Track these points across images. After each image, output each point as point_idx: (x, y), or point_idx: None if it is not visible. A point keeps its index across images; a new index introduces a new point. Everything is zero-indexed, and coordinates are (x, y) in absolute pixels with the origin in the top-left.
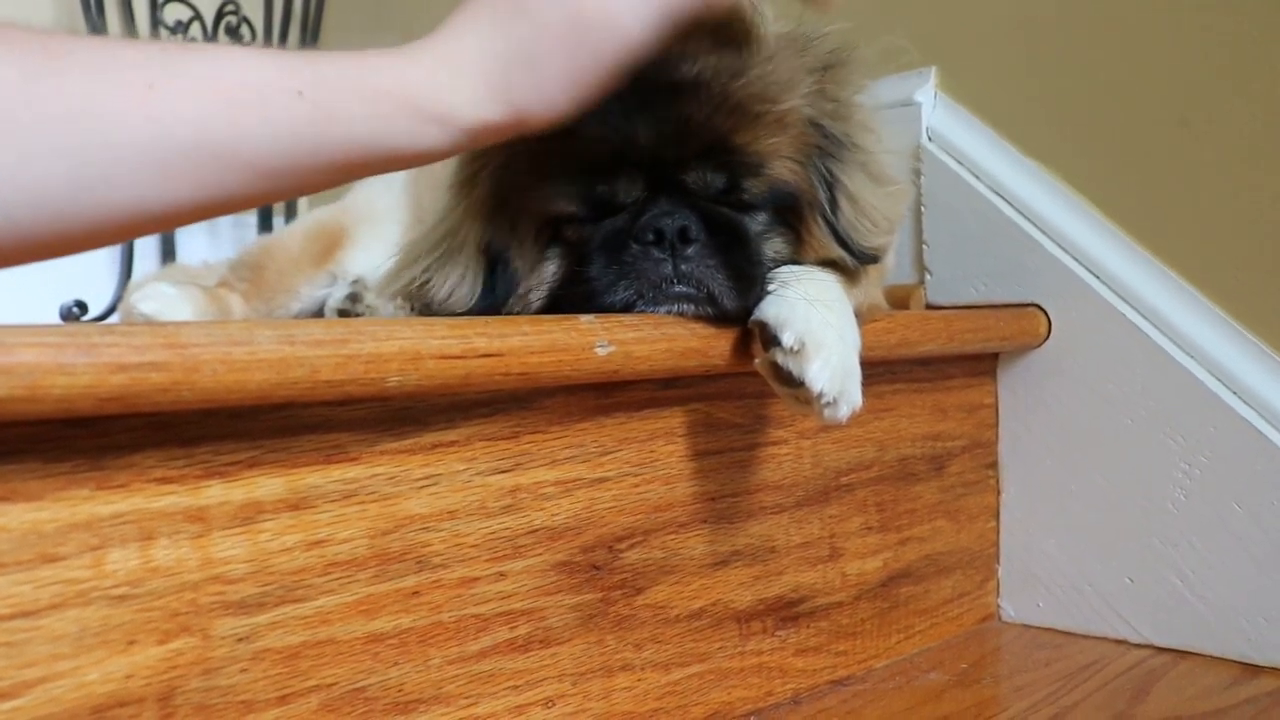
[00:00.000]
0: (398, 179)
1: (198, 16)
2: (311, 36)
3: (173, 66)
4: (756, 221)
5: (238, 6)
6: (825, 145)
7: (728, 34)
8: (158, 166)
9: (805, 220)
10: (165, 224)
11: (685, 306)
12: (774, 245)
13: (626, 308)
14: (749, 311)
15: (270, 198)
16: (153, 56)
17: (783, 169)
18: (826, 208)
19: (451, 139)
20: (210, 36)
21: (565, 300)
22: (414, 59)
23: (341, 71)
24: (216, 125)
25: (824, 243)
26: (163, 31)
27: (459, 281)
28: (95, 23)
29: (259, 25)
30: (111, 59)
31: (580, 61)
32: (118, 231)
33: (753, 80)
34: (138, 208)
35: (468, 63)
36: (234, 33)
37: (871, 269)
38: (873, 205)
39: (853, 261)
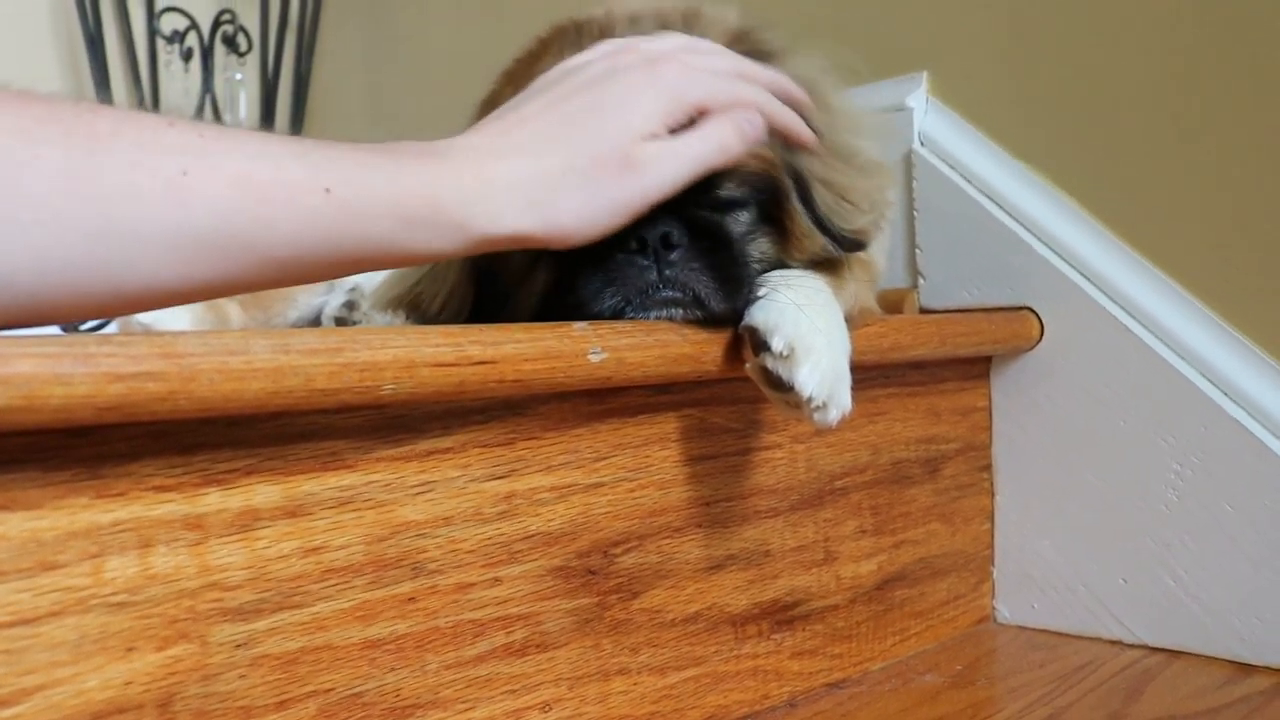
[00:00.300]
0: None
1: (194, 26)
2: (308, 46)
3: (210, 158)
4: (740, 222)
5: (234, 16)
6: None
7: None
8: (180, 252)
9: (787, 211)
10: (172, 302)
11: (673, 311)
12: (760, 246)
13: (615, 315)
14: (738, 314)
15: (274, 284)
16: (190, 141)
17: (753, 160)
18: (798, 196)
19: (470, 248)
20: (207, 45)
21: (553, 310)
22: (447, 164)
23: (372, 169)
24: (243, 218)
25: (808, 233)
26: (159, 41)
27: (449, 297)
28: (91, 33)
29: (255, 35)
30: (153, 143)
31: (627, 195)
32: (125, 307)
33: None
34: (153, 288)
35: (509, 182)
36: (230, 42)
37: (862, 272)
38: (846, 184)
39: (837, 249)
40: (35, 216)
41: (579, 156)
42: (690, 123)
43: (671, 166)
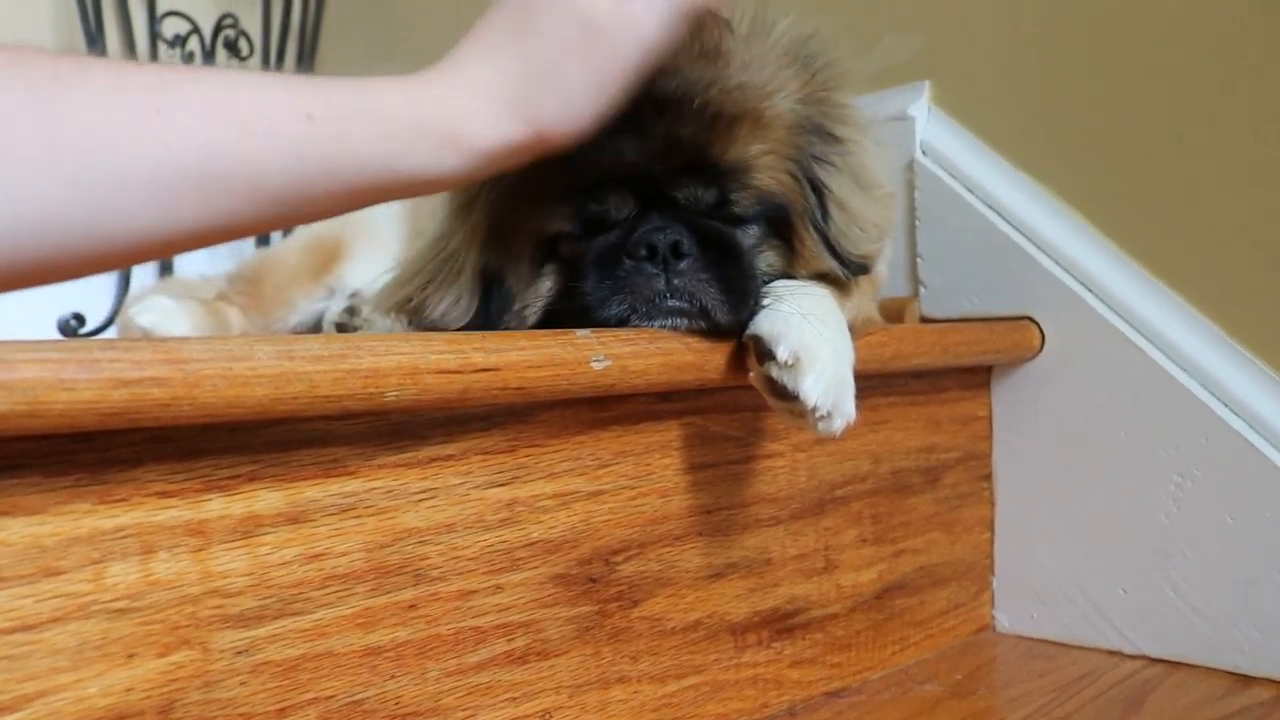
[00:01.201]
0: None
1: (196, 30)
2: (309, 51)
3: (181, 90)
4: (749, 235)
5: (236, 20)
6: (813, 148)
7: (708, 45)
8: (164, 191)
9: (796, 231)
10: (169, 249)
11: (679, 321)
12: (767, 259)
13: (621, 322)
14: (743, 325)
15: (279, 223)
16: (162, 79)
17: (770, 179)
18: (817, 214)
19: (469, 162)
20: (208, 50)
21: (560, 316)
22: (426, 82)
23: (352, 95)
24: (224, 150)
25: (816, 253)
26: (161, 45)
27: (454, 302)
28: (94, 36)
29: (257, 39)
30: (121, 83)
31: (602, 68)
32: (120, 257)
33: (734, 90)
34: (142, 232)
35: (483, 84)
36: (232, 46)
37: (865, 282)
38: (861, 212)
39: (844, 271)
40: (3, 161)
41: (547, 46)
42: None
43: (647, 22)
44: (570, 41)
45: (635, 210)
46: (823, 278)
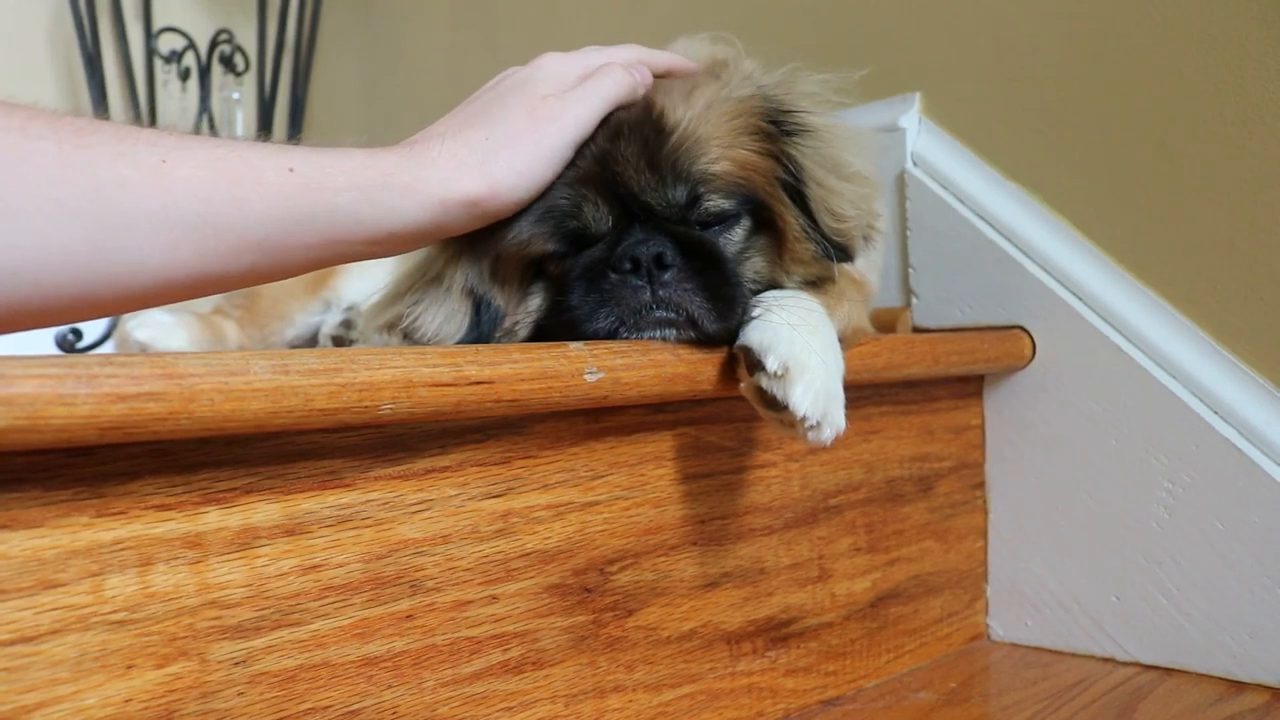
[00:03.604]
0: None
1: (192, 45)
2: (305, 66)
3: (180, 146)
4: (732, 242)
5: (231, 35)
6: (776, 131)
7: (659, 123)
8: (165, 234)
9: (778, 216)
10: (165, 295)
11: (667, 331)
12: (754, 265)
13: (609, 335)
14: (733, 334)
15: (261, 275)
16: (164, 137)
17: (732, 164)
18: (794, 191)
19: (428, 212)
20: (204, 65)
21: (549, 331)
22: (393, 148)
23: (328, 155)
24: (219, 196)
25: (801, 239)
26: (157, 60)
27: (445, 321)
28: (90, 52)
29: (252, 55)
30: (130, 138)
31: (548, 143)
32: (125, 301)
33: (686, 99)
34: (148, 276)
35: (445, 150)
36: (228, 61)
37: (855, 292)
38: (838, 189)
39: (828, 252)
40: (37, 205)
41: (501, 125)
42: None
43: (581, 105)
44: (523, 121)
45: (615, 224)
46: (813, 286)
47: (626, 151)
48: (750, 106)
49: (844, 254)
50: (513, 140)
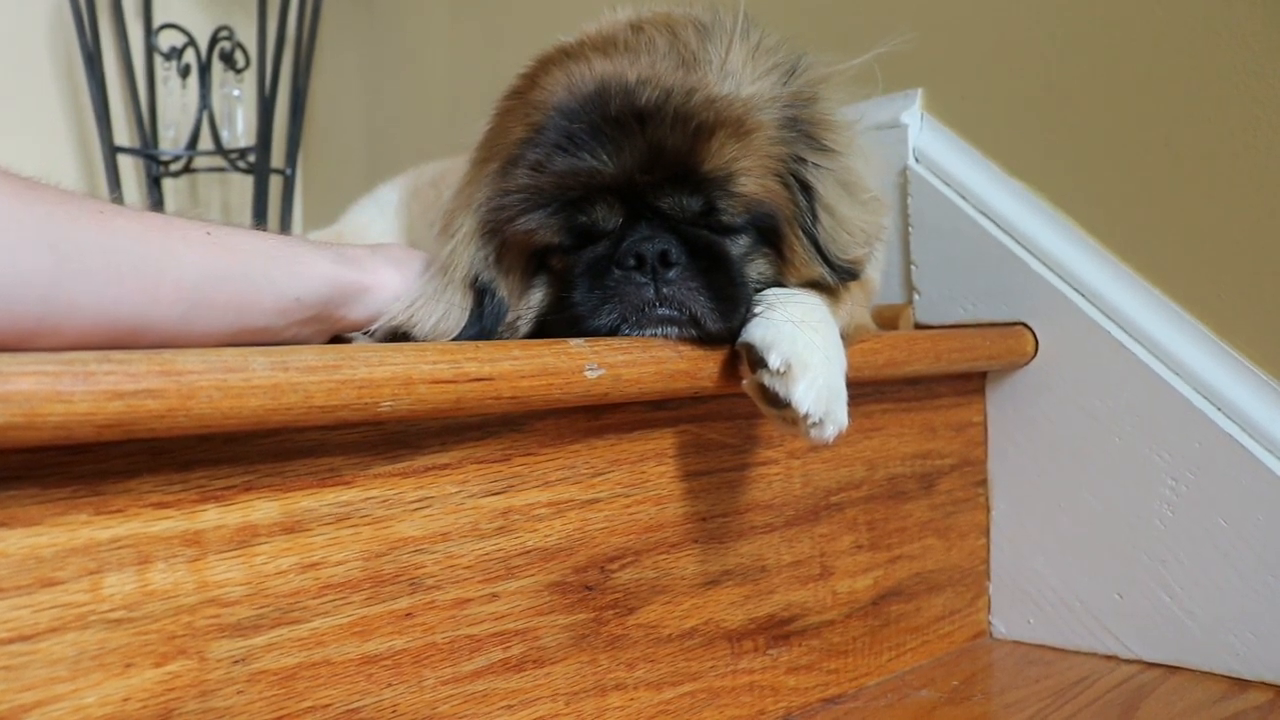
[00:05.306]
0: (391, 202)
1: (192, 42)
2: (305, 63)
3: (125, 208)
4: (738, 244)
5: (232, 33)
6: (799, 155)
7: (685, 53)
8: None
9: (786, 238)
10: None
11: (669, 329)
12: (758, 267)
13: (611, 331)
14: (734, 333)
15: (191, 322)
16: (169, 220)
17: (756, 186)
18: (806, 219)
19: (311, 288)
20: (204, 62)
21: (551, 326)
22: (305, 239)
23: (246, 230)
24: (154, 243)
25: (806, 260)
26: (157, 58)
27: (445, 314)
28: (90, 49)
29: (253, 52)
30: (144, 221)
31: (406, 273)
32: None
33: (714, 99)
34: (103, 317)
35: (336, 250)
36: (228, 58)
37: (857, 289)
38: (849, 217)
39: (833, 277)
40: (107, 280)
41: (382, 256)
42: None
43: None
44: (398, 256)
45: (623, 221)
46: (814, 285)
47: (650, 151)
48: (784, 136)
49: (850, 276)
50: (387, 265)
